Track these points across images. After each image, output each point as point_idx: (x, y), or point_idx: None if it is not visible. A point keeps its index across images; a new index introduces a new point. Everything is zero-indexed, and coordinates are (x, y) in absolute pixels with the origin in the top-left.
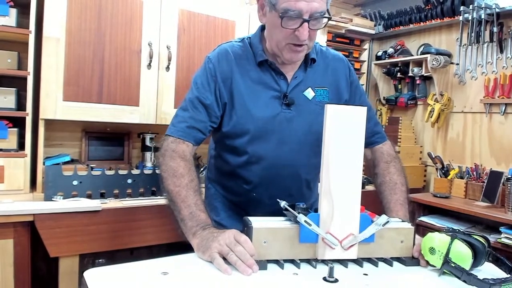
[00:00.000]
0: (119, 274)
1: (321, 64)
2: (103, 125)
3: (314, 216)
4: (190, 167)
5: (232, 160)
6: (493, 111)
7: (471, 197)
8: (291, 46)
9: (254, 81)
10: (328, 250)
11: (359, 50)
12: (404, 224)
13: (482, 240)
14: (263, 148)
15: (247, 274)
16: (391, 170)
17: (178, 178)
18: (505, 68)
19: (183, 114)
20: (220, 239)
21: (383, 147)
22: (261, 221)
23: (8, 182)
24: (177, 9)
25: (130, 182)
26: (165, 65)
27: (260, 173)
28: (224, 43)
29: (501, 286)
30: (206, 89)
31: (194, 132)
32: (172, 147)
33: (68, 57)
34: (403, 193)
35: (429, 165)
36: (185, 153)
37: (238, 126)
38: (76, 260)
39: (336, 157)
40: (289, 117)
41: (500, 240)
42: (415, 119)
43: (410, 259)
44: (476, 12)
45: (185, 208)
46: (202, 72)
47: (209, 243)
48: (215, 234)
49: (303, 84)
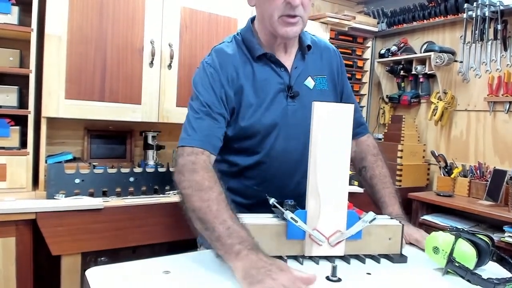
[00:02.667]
0: (121, 272)
1: (316, 52)
2: (105, 123)
3: (301, 213)
4: (216, 179)
5: (241, 161)
6: (497, 109)
7: (475, 195)
8: (284, 19)
9: (256, 78)
10: (315, 247)
11: (362, 48)
12: (392, 221)
13: (486, 239)
14: (274, 146)
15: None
16: (379, 164)
17: (206, 192)
18: (509, 66)
19: (195, 124)
20: (277, 278)
21: (368, 140)
22: (249, 218)
23: (10, 180)
24: (179, 6)
25: (132, 181)
26: (167, 63)
27: (272, 172)
28: (217, 46)
29: (506, 286)
30: (212, 96)
31: (213, 140)
32: (191, 159)
33: (70, 55)
34: (392, 185)
35: (432, 163)
36: (207, 164)
37: (249, 128)
38: (78, 259)
39: (324, 154)
40: (294, 110)
41: (504, 239)
42: (419, 117)
43: (398, 256)
44: (480, 9)
45: (220, 225)
46: (203, 77)
47: (261, 277)
48: (268, 268)
49: (304, 74)
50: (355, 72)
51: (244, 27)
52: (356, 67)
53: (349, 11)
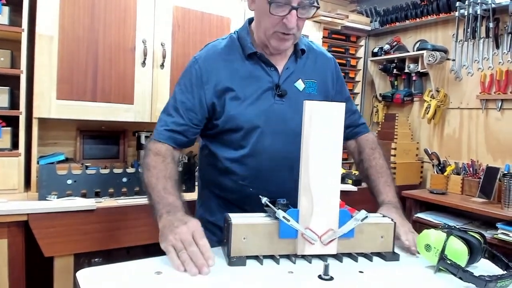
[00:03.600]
0: (112, 274)
1: (310, 57)
2: (98, 124)
3: (293, 212)
4: (164, 159)
5: (228, 155)
6: (490, 107)
7: (468, 193)
8: (278, 34)
9: (244, 75)
10: (307, 246)
11: (355, 46)
12: (384, 219)
13: (478, 236)
14: (259, 141)
15: (192, 274)
16: (376, 156)
17: (150, 171)
18: (501, 64)
19: (165, 119)
20: (177, 232)
21: (368, 135)
22: (241, 217)
23: (1, 182)
24: (171, 5)
25: (125, 181)
26: (160, 63)
27: (257, 167)
28: (210, 42)
29: (497, 283)
30: (189, 92)
31: (174, 135)
32: (150, 147)
33: (62, 55)
34: (389, 175)
35: (425, 161)
36: (159, 150)
37: (232, 121)
38: (71, 260)
39: (315, 153)
40: (282, 108)
41: (497, 236)
42: (412, 115)
43: (391, 254)
44: (472, 7)
45: (154, 194)
46: (187, 74)
47: (167, 233)
48: (175, 224)
49: (294, 75)
50: (348, 70)
51: (241, 26)
52: (349, 66)
53: (342, 10)
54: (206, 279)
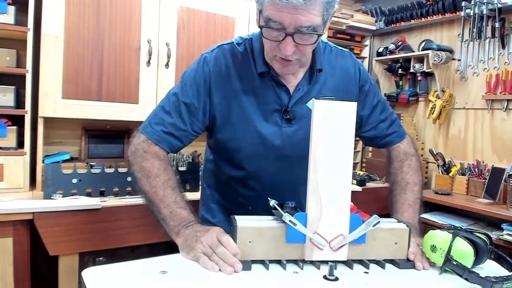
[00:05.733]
0: (118, 272)
1: (328, 70)
2: (103, 123)
3: (301, 216)
4: (166, 166)
5: (229, 172)
6: (495, 107)
7: (473, 194)
8: (279, 59)
9: (253, 93)
10: (316, 251)
11: (360, 46)
12: (399, 225)
13: (484, 237)
14: (262, 164)
15: (228, 273)
16: (404, 170)
17: (153, 179)
18: (507, 64)
19: (162, 116)
20: (203, 240)
21: (400, 146)
22: (247, 220)
23: (7, 181)
24: (176, 5)
25: (130, 180)
26: (165, 62)
27: (258, 188)
28: (224, 43)
29: (503, 284)
30: (195, 96)
31: (171, 139)
32: (144, 147)
33: (67, 55)
34: (414, 193)
35: (430, 162)
36: (158, 155)
37: (233, 141)
38: (76, 259)
39: (324, 155)
40: (290, 132)
41: (502, 237)
42: (417, 115)
43: (405, 261)
44: (477, 7)
45: (165, 208)
46: (195, 72)
47: (192, 244)
48: (198, 234)
49: (307, 96)
50: None
51: (256, 35)
52: None
53: (347, 9)
54: (210, 280)
